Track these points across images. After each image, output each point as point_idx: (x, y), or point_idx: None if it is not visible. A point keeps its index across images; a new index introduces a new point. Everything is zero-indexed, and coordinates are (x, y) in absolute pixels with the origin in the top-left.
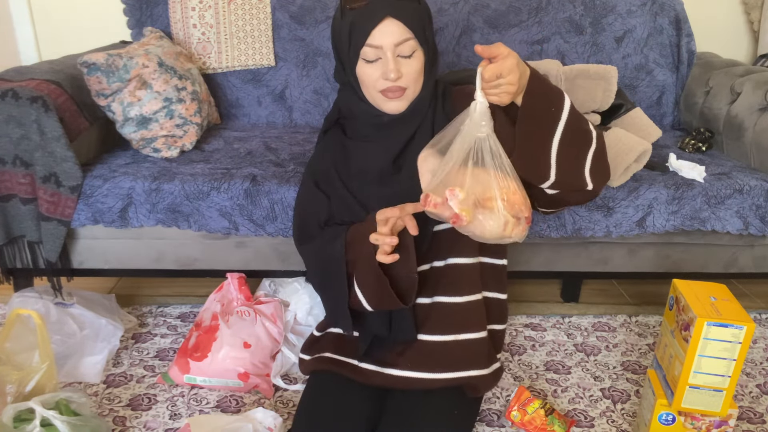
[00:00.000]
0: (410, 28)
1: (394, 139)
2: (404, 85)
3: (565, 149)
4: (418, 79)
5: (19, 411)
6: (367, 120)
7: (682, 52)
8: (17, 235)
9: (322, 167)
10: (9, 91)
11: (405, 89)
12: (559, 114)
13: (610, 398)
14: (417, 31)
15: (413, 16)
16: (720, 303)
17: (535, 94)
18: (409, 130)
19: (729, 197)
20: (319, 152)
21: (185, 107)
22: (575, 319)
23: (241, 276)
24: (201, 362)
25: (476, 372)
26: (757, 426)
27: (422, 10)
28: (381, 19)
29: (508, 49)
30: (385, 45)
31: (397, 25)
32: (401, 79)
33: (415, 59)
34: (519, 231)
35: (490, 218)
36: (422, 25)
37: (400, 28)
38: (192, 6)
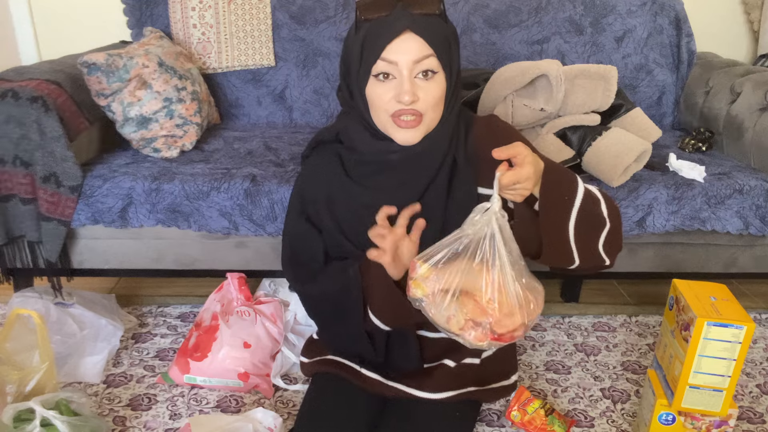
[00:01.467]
0: (432, 46)
1: (406, 185)
2: (421, 110)
3: (582, 235)
4: (437, 106)
5: (19, 411)
6: (371, 157)
7: (682, 52)
8: (17, 235)
9: (309, 195)
10: (9, 91)
11: (421, 115)
12: (573, 201)
13: (610, 398)
14: (440, 51)
15: (437, 34)
16: (720, 303)
17: (550, 187)
18: (424, 176)
19: (729, 197)
20: (306, 175)
21: (185, 107)
22: (575, 319)
23: (241, 276)
24: (201, 362)
25: (478, 388)
26: (757, 426)
27: (449, 31)
28: (400, 32)
29: (525, 149)
30: (401, 62)
31: (417, 40)
32: (417, 102)
33: (434, 82)
34: (474, 337)
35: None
36: (447, 46)
37: (420, 44)
38: (192, 6)
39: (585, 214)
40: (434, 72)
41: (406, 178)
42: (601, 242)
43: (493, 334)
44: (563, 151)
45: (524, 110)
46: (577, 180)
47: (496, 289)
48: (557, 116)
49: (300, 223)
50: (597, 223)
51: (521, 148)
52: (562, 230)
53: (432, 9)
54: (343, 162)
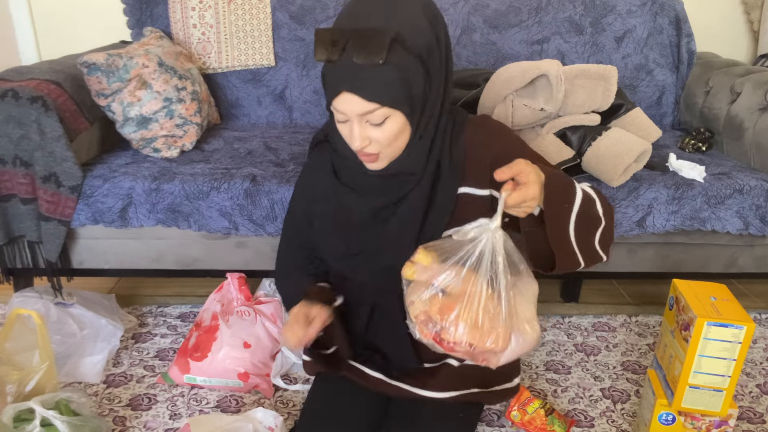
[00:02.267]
0: (375, 100)
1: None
2: (374, 151)
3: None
4: (395, 142)
5: (19, 411)
6: (352, 168)
7: (682, 52)
8: (17, 235)
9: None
10: (9, 91)
11: (377, 153)
12: (572, 206)
13: (610, 398)
14: (387, 100)
15: (379, 87)
16: (720, 303)
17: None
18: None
19: (729, 197)
20: (303, 175)
21: (185, 107)
22: (575, 319)
23: (241, 276)
24: (201, 362)
25: (482, 390)
26: (757, 426)
27: (401, 71)
28: (338, 93)
29: (527, 165)
30: (348, 113)
31: (356, 99)
32: (371, 145)
33: (387, 125)
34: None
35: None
36: (396, 90)
37: (361, 103)
38: (192, 6)
39: (583, 216)
40: (386, 116)
41: (387, 185)
42: (597, 239)
43: (436, 336)
44: (563, 151)
45: (524, 110)
46: (574, 184)
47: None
48: (557, 116)
49: (295, 215)
50: (594, 222)
51: (523, 165)
52: (565, 236)
53: (374, 59)
54: (333, 164)
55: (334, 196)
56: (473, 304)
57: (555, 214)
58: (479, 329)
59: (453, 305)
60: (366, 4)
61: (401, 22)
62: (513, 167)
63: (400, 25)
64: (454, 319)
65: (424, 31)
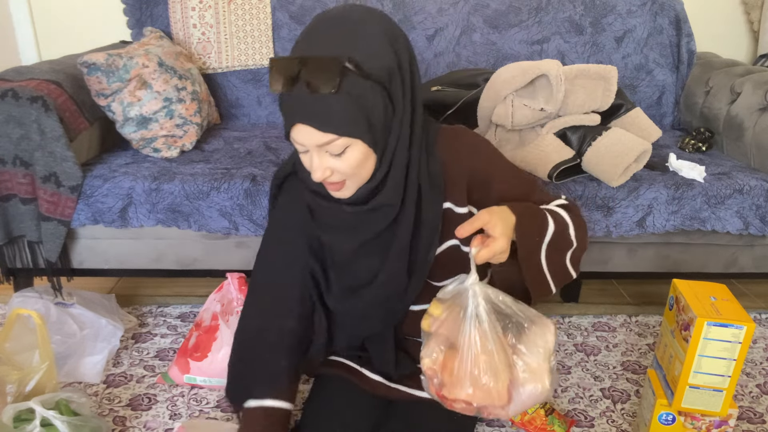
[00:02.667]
0: (331, 131)
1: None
2: (338, 180)
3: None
4: (359, 170)
5: (19, 411)
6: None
7: (682, 52)
8: (17, 235)
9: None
10: (9, 91)
11: (343, 181)
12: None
13: (610, 398)
14: (344, 129)
15: (333, 117)
16: (720, 303)
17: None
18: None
19: (729, 197)
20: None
21: (185, 107)
22: (575, 319)
23: (241, 276)
24: (201, 362)
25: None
26: (757, 426)
27: (356, 99)
28: (293, 125)
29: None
30: (306, 145)
31: (311, 130)
32: (333, 175)
33: (348, 154)
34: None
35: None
36: (353, 118)
37: (317, 134)
38: (192, 6)
39: (555, 244)
40: (345, 146)
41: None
42: (569, 260)
43: (439, 390)
44: (563, 151)
45: (524, 110)
46: (546, 217)
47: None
48: (557, 116)
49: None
50: (566, 246)
51: (487, 216)
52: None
53: (326, 89)
54: (308, 204)
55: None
56: (466, 360)
57: (527, 251)
58: (474, 385)
59: (450, 361)
60: (319, 31)
61: (356, 48)
62: (475, 222)
63: (356, 50)
64: (450, 375)
65: (384, 55)
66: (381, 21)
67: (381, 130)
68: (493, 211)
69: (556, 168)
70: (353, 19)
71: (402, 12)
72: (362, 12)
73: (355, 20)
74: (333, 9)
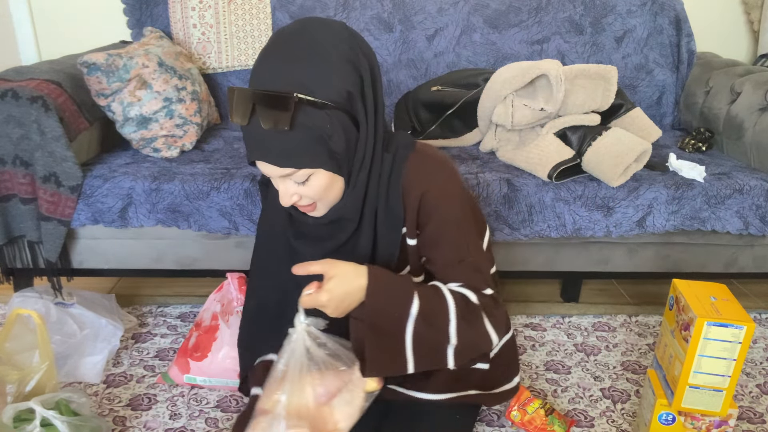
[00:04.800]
0: (289, 165)
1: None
2: (308, 203)
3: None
4: (328, 193)
5: (19, 411)
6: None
7: (682, 52)
8: (17, 235)
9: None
10: (9, 91)
11: (313, 204)
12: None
13: (610, 398)
14: (301, 163)
15: (291, 152)
16: (720, 303)
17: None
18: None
19: (729, 197)
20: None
21: (185, 107)
22: (575, 319)
23: (241, 276)
24: (201, 362)
25: (480, 392)
26: (757, 426)
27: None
28: (254, 159)
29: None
30: (270, 175)
31: (271, 166)
32: (302, 199)
33: (312, 181)
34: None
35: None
36: (311, 150)
37: (277, 169)
38: (192, 6)
39: (421, 331)
40: (308, 175)
41: (322, 235)
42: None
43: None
44: (563, 151)
45: (524, 110)
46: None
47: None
48: (557, 116)
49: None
50: (437, 338)
51: (325, 267)
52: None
53: (280, 127)
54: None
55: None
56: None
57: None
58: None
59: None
60: (273, 58)
61: (312, 75)
62: (312, 266)
63: (309, 80)
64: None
65: (343, 77)
66: (341, 39)
67: (344, 154)
68: (337, 265)
69: (556, 168)
70: (310, 42)
71: (402, 12)
72: (321, 31)
73: (312, 43)
74: (290, 27)
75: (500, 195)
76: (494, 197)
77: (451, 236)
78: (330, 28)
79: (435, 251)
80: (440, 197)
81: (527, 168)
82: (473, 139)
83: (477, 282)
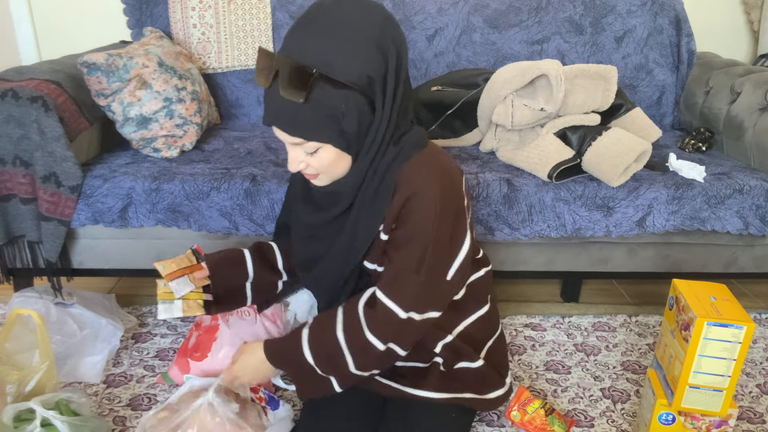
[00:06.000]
0: (301, 136)
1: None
2: (313, 173)
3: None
4: (334, 168)
5: (19, 411)
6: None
7: (682, 52)
8: (17, 235)
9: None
10: (9, 91)
11: (317, 174)
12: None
13: (610, 398)
14: (313, 135)
15: (303, 124)
16: (720, 303)
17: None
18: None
19: (729, 197)
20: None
21: (185, 107)
22: (575, 319)
23: None
24: (201, 362)
25: (475, 396)
26: (757, 426)
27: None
28: (267, 123)
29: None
30: (282, 140)
31: (284, 134)
32: (308, 168)
33: (321, 153)
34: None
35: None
36: (322, 126)
37: (286, 135)
38: (192, 6)
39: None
40: (317, 147)
41: (321, 204)
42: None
43: None
44: (563, 151)
45: (524, 110)
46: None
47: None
48: (557, 116)
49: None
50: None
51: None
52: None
53: (296, 98)
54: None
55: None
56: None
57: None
58: None
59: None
60: (301, 31)
61: (333, 56)
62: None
63: (333, 58)
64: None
65: (366, 62)
66: (374, 22)
67: (356, 135)
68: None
69: (556, 168)
70: (344, 19)
71: (402, 12)
72: (356, 11)
73: (343, 20)
74: (330, 1)
75: (500, 195)
76: (494, 197)
77: (413, 248)
78: (366, 10)
79: (394, 254)
80: (423, 207)
81: (527, 168)
82: (473, 139)
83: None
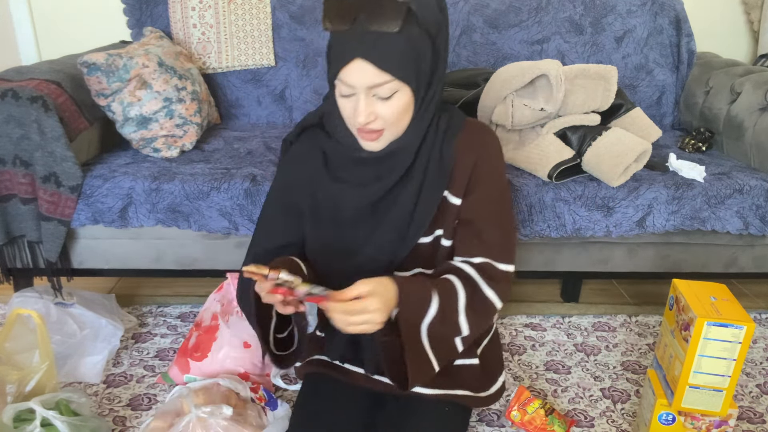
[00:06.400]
0: (387, 70)
1: (373, 184)
2: (379, 127)
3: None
4: (400, 120)
5: (19, 411)
6: (345, 150)
7: (682, 52)
8: (17, 235)
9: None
10: (9, 91)
11: (381, 131)
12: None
13: (610, 398)
14: (398, 71)
15: (393, 56)
16: (720, 303)
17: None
18: (394, 173)
19: (729, 197)
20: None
21: (185, 107)
22: (575, 319)
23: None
24: (201, 362)
25: (470, 393)
26: (757, 426)
27: (413, 42)
28: (350, 60)
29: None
30: (356, 85)
31: (369, 68)
32: (376, 121)
33: (395, 100)
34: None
35: None
36: (409, 61)
37: (373, 72)
38: (192, 6)
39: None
40: (395, 90)
41: (377, 174)
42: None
43: None
44: (563, 151)
45: (524, 110)
46: (430, 299)
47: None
48: (557, 116)
49: (271, 205)
50: (450, 333)
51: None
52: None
53: (390, 27)
54: (324, 152)
55: (322, 188)
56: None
57: (408, 327)
58: None
59: None
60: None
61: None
62: (351, 291)
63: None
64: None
65: (434, 10)
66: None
67: (425, 81)
68: (371, 282)
69: (556, 168)
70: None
71: None
72: None
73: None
74: None
75: None
76: None
77: (493, 207)
78: None
79: (475, 217)
80: (493, 167)
81: (527, 168)
82: None
83: (498, 256)
